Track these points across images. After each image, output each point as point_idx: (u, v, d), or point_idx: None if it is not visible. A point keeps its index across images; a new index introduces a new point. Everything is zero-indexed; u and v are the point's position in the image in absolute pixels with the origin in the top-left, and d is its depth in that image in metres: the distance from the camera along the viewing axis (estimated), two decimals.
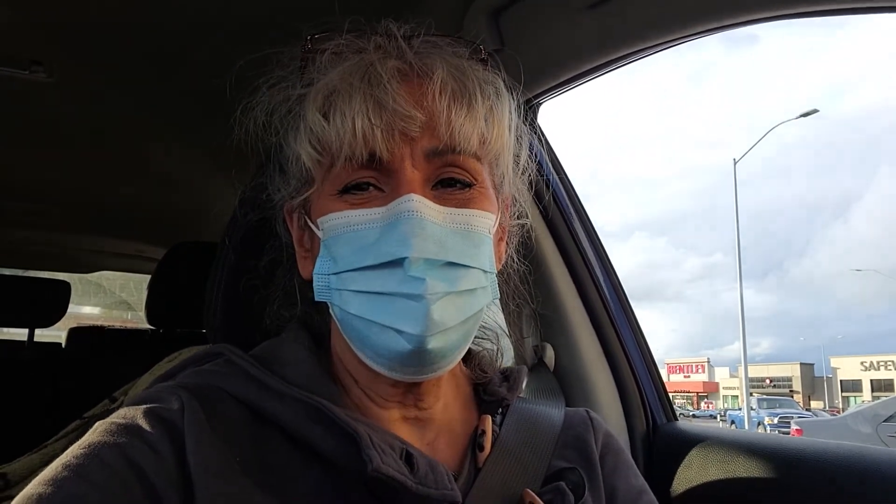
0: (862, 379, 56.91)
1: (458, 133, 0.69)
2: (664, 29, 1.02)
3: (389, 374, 0.68)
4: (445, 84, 0.69)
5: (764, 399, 29.27)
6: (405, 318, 0.64)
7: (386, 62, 0.70)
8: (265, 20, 1.33)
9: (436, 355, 0.65)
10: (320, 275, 0.71)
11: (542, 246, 1.37)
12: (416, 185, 0.68)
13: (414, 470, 0.67)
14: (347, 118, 0.67)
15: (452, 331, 0.66)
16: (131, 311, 6.52)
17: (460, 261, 0.67)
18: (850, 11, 0.86)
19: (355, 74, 0.69)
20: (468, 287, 0.68)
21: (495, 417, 0.83)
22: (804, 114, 21.97)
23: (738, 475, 1.12)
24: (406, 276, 0.64)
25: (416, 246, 0.64)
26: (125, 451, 0.60)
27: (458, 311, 0.66)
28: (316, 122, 0.69)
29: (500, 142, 0.75)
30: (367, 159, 0.67)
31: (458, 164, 0.71)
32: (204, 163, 2.26)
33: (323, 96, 0.70)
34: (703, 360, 68.84)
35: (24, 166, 2.43)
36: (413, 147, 0.68)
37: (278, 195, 0.81)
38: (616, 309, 1.43)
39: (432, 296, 0.63)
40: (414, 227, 0.65)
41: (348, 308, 0.68)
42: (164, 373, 0.80)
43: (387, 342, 0.65)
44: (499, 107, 0.74)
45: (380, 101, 0.67)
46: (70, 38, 1.51)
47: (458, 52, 0.76)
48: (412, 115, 0.67)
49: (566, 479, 0.79)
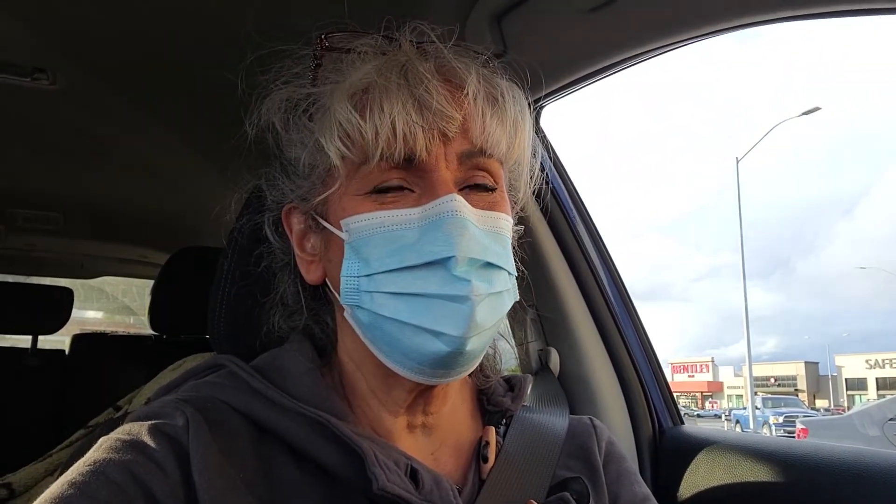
0: (867, 377, 56.74)
1: (490, 137, 0.70)
2: (666, 32, 1.02)
3: (413, 377, 0.67)
4: (479, 89, 0.70)
5: (769, 398, 29.15)
6: (446, 321, 0.63)
7: (424, 62, 0.70)
8: (269, 26, 1.33)
9: (468, 357, 0.65)
10: (349, 277, 0.69)
11: (545, 250, 1.36)
12: (452, 186, 0.68)
13: (419, 486, 0.67)
14: (386, 114, 0.66)
15: (487, 332, 0.66)
16: (134, 315, 6.52)
17: (497, 262, 0.67)
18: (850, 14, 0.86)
19: (393, 71, 0.69)
20: (502, 288, 0.68)
21: (499, 428, 0.83)
22: (806, 112, 21.94)
23: (746, 480, 1.11)
24: (450, 275, 0.63)
25: (462, 245, 0.64)
26: (130, 468, 0.60)
27: (494, 312, 0.66)
28: (351, 119, 0.67)
29: (521, 148, 0.76)
30: (404, 158, 0.67)
31: (485, 168, 0.71)
32: (207, 168, 2.25)
33: (357, 91, 0.69)
34: (708, 359, 68.72)
35: (27, 173, 2.43)
36: (447, 148, 0.69)
37: (283, 196, 0.79)
38: (621, 312, 1.42)
39: (478, 297, 0.63)
40: (458, 226, 0.64)
41: (381, 311, 0.66)
42: (167, 384, 0.80)
43: (421, 345, 0.64)
44: (523, 115, 0.75)
45: (422, 101, 0.67)
46: (73, 46, 1.50)
47: (478, 60, 0.76)
48: (453, 115, 0.67)
49: (571, 489, 0.79)
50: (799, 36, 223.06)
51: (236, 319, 0.92)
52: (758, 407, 25.52)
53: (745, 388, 28.67)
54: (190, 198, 2.66)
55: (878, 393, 51.64)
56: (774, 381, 63.32)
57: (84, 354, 2.62)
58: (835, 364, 60.23)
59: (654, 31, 1.03)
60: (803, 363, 63.43)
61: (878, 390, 53.59)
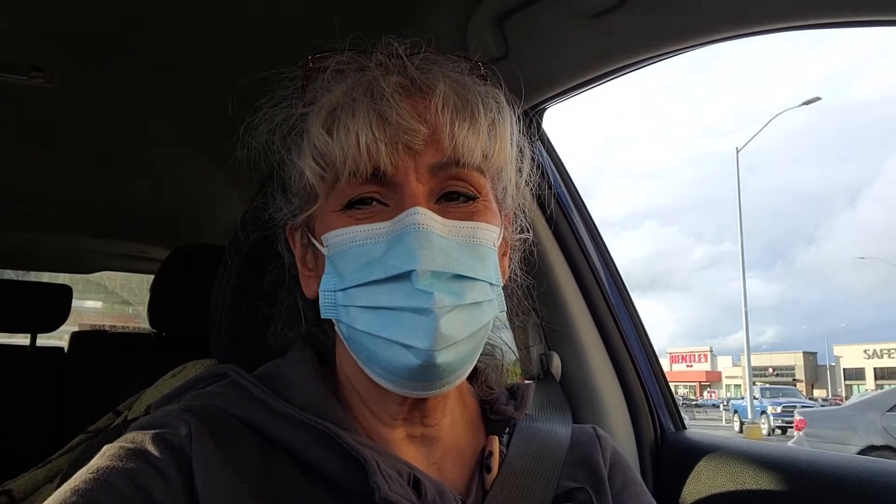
0: (865, 367, 57.01)
1: (461, 146, 0.69)
2: (668, 39, 1.01)
3: (397, 391, 0.67)
4: (447, 98, 0.69)
5: (767, 388, 29.25)
6: (413, 333, 0.63)
7: (388, 77, 0.70)
8: (267, 24, 1.32)
9: (444, 370, 0.65)
10: (326, 291, 0.71)
11: (547, 253, 1.36)
12: (421, 199, 0.67)
13: (422, 496, 0.67)
14: (351, 133, 0.67)
15: (461, 344, 0.65)
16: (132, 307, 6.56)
17: (467, 273, 0.67)
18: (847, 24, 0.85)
19: (358, 89, 0.69)
20: (475, 300, 0.67)
21: (502, 437, 0.83)
22: (807, 101, 21.93)
23: (749, 487, 1.11)
24: (413, 289, 0.63)
25: (423, 258, 0.63)
26: (134, 477, 0.60)
27: (465, 324, 0.66)
28: (319, 137, 0.69)
29: (502, 155, 0.74)
30: (371, 173, 0.67)
31: (462, 178, 0.71)
32: (204, 165, 2.25)
33: (326, 112, 0.70)
34: (706, 349, 68.97)
35: (26, 170, 2.42)
36: (417, 161, 0.68)
37: (280, 214, 0.81)
38: (623, 317, 1.42)
39: (440, 309, 0.63)
40: (420, 239, 0.64)
41: (355, 324, 0.67)
42: (170, 393, 0.80)
43: (395, 358, 0.64)
44: (501, 121, 0.74)
45: (383, 115, 0.67)
46: (69, 45, 1.49)
47: (459, 67, 0.76)
48: (415, 128, 0.67)
49: (575, 500, 0.79)
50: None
51: (237, 332, 0.92)
52: (756, 397, 25.63)
53: (744, 378, 28.78)
54: (188, 194, 2.66)
55: (876, 383, 51.92)
56: (773, 370, 63.56)
57: (83, 352, 2.62)
58: (833, 354, 60.48)
59: (656, 37, 1.02)
60: (801, 353, 63.66)
61: (876, 380, 53.87)
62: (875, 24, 0.83)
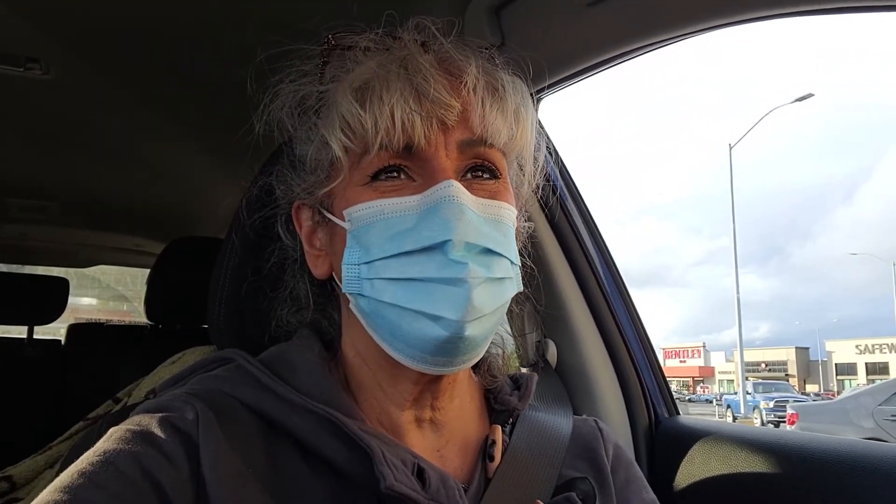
0: (857, 362, 57.29)
1: (490, 126, 0.70)
2: (664, 27, 1.02)
3: (417, 367, 0.67)
4: (479, 79, 0.71)
5: (760, 383, 29.34)
6: (444, 304, 0.63)
7: (424, 55, 0.71)
8: (275, 24, 1.32)
9: (469, 344, 0.65)
10: (350, 265, 0.69)
11: (544, 242, 1.36)
12: (451, 173, 0.68)
13: (426, 485, 0.67)
14: (386, 105, 0.67)
15: (486, 319, 0.66)
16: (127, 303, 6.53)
17: (495, 248, 0.67)
18: (850, 10, 0.86)
19: (393, 63, 0.70)
20: (501, 275, 0.68)
21: (505, 427, 0.83)
22: (799, 98, 21.98)
23: (741, 470, 1.13)
24: (447, 259, 0.63)
25: (459, 229, 0.64)
26: (140, 460, 0.60)
27: (492, 298, 0.66)
28: (351, 109, 0.68)
29: (523, 139, 0.76)
30: (403, 147, 0.68)
31: (487, 157, 0.72)
32: (202, 159, 2.24)
33: (359, 83, 0.70)
34: (699, 345, 69.19)
35: (22, 162, 2.41)
36: (447, 137, 0.69)
37: (292, 193, 0.80)
38: (617, 304, 1.43)
39: (474, 280, 0.63)
40: (455, 211, 0.65)
41: (381, 297, 0.67)
42: (174, 376, 0.80)
43: (421, 331, 0.64)
44: (525, 107, 0.75)
45: (420, 90, 0.67)
46: (66, 36, 1.49)
47: (483, 53, 0.77)
48: (451, 103, 0.68)
49: (577, 489, 0.80)
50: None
51: (238, 316, 0.92)
52: (749, 392, 25.75)
53: (737, 373, 28.90)
54: (185, 188, 2.65)
55: (868, 378, 52.18)
56: (765, 366, 63.82)
57: (81, 345, 2.62)
58: (825, 349, 60.76)
59: (652, 26, 1.03)
60: (794, 348, 63.94)
61: (868, 375, 54.13)
62: (872, 9, 0.84)
